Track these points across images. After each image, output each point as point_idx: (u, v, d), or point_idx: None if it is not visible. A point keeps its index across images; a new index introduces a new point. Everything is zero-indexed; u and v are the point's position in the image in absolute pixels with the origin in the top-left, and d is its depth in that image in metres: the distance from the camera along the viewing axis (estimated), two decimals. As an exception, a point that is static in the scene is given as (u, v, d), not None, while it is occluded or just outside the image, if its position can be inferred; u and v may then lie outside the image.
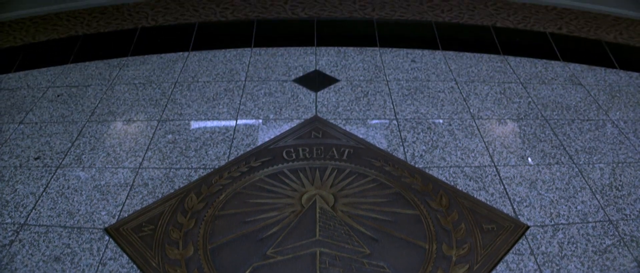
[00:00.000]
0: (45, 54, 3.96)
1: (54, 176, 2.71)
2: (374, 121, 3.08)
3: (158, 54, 3.78)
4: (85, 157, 2.84)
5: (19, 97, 3.42)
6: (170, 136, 2.97)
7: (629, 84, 3.57)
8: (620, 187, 2.67)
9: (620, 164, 2.83)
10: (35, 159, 2.85)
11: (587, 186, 2.66)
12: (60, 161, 2.82)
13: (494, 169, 2.75)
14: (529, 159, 2.84)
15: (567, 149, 2.92)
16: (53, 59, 3.85)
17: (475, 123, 3.09)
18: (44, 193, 2.60)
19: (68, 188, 2.63)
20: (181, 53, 3.78)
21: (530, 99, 3.34)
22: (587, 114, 3.24)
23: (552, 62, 3.77)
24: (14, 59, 3.89)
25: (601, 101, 3.37)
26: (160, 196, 2.56)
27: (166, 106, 3.24)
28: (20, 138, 3.02)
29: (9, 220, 2.45)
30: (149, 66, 3.65)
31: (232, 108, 3.20)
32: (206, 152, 2.83)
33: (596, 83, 3.55)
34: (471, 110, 3.21)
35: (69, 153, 2.87)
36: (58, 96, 3.40)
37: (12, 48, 4.06)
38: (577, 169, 2.78)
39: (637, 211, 2.52)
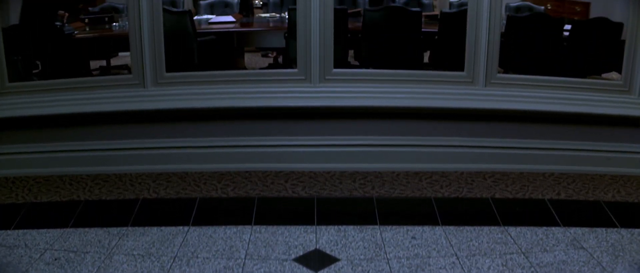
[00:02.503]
0: (46, 215, 4.00)
1: None
2: (375, 304, 3.06)
3: (158, 227, 3.79)
4: (78, 329, 2.78)
5: (15, 256, 3.40)
6: (167, 312, 2.93)
7: (631, 241, 3.60)
8: None
9: (629, 328, 2.78)
10: (26, 325, 2.79)
11: None
12: (52, 330, 2.76)
13: None
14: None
15: (573, 318, 2.88)
16: (53, 221, 3.87)
17: (478, 299, 3.07)
18: None
19: None
20: (181, 227, 3.81)
21: (532, 268, 3.32)
22: (591, 278, 3.24)
23: (553, 228, 3.81)
24: (15, 216, 3.92)
25: (605, 263, 3.36)
26: None
27: (164, 280, 3.22)
28: (13, 301, 2.98)
29: None
30: (149, 238, 3.66)
31: (231, 286, 3.19)
32: (203, 333, 2.78)
33: (598, 245, 3.56)
34: (473, 286, 3.19)
35: (61, 323, 2.82)
36: (55, 259, 3.38)
37: (13, 205, 4.12)
38: None
39: None
